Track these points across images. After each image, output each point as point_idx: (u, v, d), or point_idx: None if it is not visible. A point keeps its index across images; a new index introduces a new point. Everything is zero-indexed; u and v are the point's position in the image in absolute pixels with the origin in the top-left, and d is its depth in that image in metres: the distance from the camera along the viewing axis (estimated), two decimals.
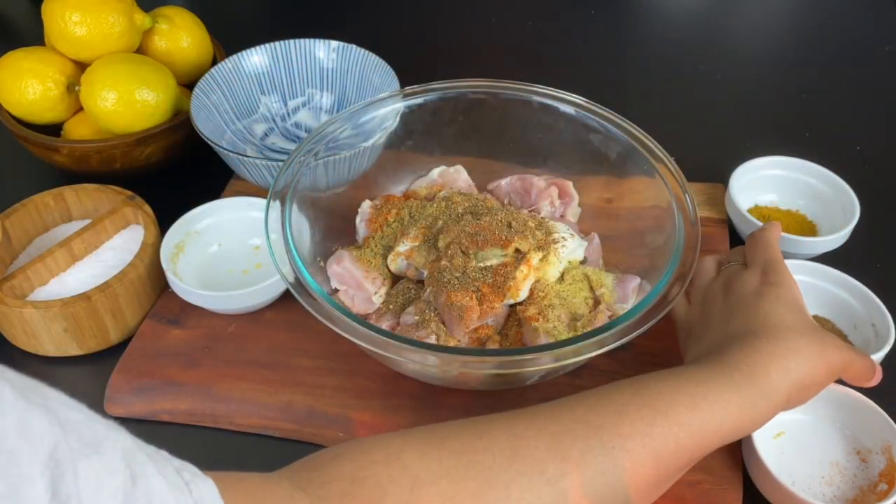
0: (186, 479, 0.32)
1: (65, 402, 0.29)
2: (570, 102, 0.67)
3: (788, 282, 0.53)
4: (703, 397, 0.45)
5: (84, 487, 0.26)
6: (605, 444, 0.42)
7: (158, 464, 0.31)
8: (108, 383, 0.62)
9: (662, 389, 0.45)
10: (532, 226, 0.61)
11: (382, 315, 0.61)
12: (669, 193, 0.61)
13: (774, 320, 0.50)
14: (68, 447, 0.26)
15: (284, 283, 0.54)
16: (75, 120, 0.79)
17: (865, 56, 0.99)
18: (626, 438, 0.42)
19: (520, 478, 0.40)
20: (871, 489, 0.54)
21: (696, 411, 0.44)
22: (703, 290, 0.57)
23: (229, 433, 0.60)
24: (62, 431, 0.27)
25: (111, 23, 0.75)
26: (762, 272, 0.54)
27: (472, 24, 1.07)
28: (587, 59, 1.00)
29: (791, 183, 0.75)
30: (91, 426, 0.29)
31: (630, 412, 0.43)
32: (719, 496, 0.54)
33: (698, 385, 0.45)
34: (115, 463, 0.28)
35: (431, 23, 1.07)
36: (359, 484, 0.39)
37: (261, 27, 1.08)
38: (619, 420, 0.43)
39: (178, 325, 0.66)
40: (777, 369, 0.47)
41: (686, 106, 0.92)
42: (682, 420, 0.44)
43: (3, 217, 0.67)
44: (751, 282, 0.53)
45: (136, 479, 0.29)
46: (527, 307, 0.58)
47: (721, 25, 1.07)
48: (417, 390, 0.60)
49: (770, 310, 0.50)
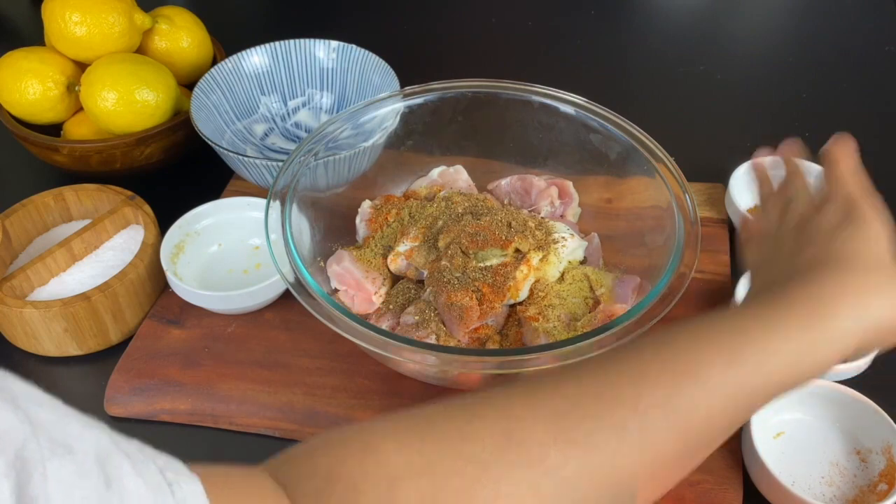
0: (170, 479, 0.29)
1: (36, 399, 0.27)
2: (570, 102, 0.67)
3: (877, 217, 0.44)
4: (742, 349, 0.37)
5: (53, 490, 0.25)
6: (617, 422, 0.36)
7: (138, 463, 0.29)
8: (107, 383, 0.62)
9: (691, 345, 0.38)
10: (532, 226, 0.61)
11: (382, 315, 0.61)
12: (669, 193, 0.61)
13: (850, 252, 0.42)
14: (38, 446, 0.25)
15: (284, 283, 0.54)
16: (75, 120, 0.79)
17: (865, 56, 0.99)
18: (645, 412, 0.36)
19: (513, 470, 0.35)
20: (871, 489, 0.54)
21: (733, 368, 0.37)
22: (771, 231, 0.49)
23: (229, 433, 0.60)
24: (31, 430, 0.25)
25: (111, 23, 0.75)
26: (843, 209, 0.46)
27: (472, 23, 1.06)
28: (587, 59, 1.00)
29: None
30: (64, 424, 0.27)
31: (650, 378, 0.37)
32: (719, 496, 0.54)
33: (738, 334, 0.38)
34: (87, 464, 0.26)
35: (431, 23, 1.06)
36: (333, 481, 0.34)
37: (261, 27, 1.08)
38: (637, 390, 0.36)
39: (178, 325, 0.66)
40: (847, 308, 0.39)
41: (686, 106, 0.92)
42: (714, 382, 0.36)
43: (3, 217, 0.67)
44: (830, 218, 0.45)
45: (111, 481, 0.27)
46: (527, 307, 0.58)
47: (721, 25, 1.07)
48: (417, 390, 0.60)
49: (847, 241, 0.42)
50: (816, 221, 0.46)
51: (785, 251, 0.46)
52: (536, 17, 1.07)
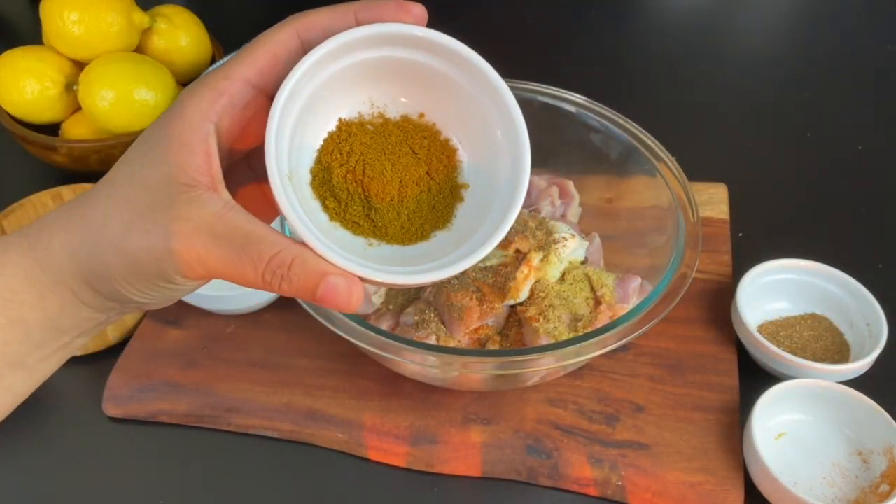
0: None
1: None
2: (570, 102, 0.67)
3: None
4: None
5: None
6: None
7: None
8: (106, 384, 0.61)
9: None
10: (532, 226, 0.61)
11: (382, 315, 0.61)
12: (671, 193, 0.60)
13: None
14: None
15: None
16: (73, 119, 0.79)
17: (866, 56, 0.99)
18: None
19: None
20: (873, 490, 0.54)
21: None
22: None
23: (228, 434, 0.60)
24: None
25: (109, 22, 0.75)
26: None
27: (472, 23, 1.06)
28: (587, 58, 1.00)
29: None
30: None
31: None
32: (721, 497, 0.54)
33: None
34: None
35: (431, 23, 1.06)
36: None
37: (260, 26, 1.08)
38: None
39: (177, 326, 0.65)
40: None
41: (687, 105, 0.91)
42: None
43: (2, 217, 0.67)
44: None
45: None
46: (527, 307, 0.58)
47: (722, 25, 1.07)
48: (417, 391, 0.60)
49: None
50: None
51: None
52: (536, 16, 1.07)
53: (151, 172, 0.34)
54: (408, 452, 0.58)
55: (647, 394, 0.60)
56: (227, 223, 0.33)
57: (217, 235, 0.33)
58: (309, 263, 0.33)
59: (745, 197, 0.76)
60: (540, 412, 0.59)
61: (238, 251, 0.33)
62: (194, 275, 0.34)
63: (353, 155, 0.38)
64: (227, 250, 0.33)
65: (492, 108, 0.39)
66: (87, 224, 0.35)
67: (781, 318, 0.65)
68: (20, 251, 0.36)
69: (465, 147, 0.41)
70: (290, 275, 0.33)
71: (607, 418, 0.59)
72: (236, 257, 0.33)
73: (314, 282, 0.33)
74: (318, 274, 0.33)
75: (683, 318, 0.65)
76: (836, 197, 0.79)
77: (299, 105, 0.36)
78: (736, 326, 0.63)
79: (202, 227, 0.33)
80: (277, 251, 0.33)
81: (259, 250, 0.33)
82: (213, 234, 0.33)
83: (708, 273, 0.68)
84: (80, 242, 0.35)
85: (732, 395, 0.60)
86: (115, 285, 0.36)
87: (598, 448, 0.57)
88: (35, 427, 0.61)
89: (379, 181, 0.38)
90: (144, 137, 0.36)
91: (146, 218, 0.34)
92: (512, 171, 0.40)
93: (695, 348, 0.63)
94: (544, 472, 0.56)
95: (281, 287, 0.33)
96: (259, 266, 0.33)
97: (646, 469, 0.56)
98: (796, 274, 0.65)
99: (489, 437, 0.58)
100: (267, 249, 0.33)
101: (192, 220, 0.33)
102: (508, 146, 0.40)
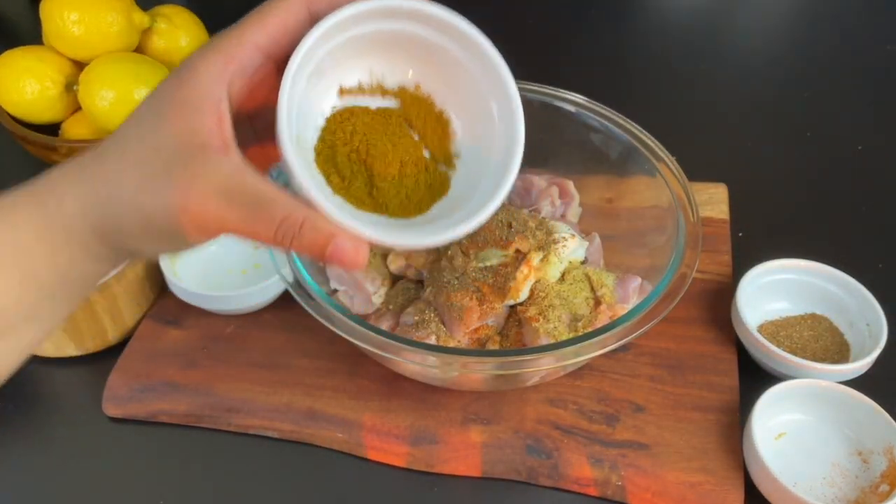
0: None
1: None
2: (570, 102, 0.67)
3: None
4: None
5: None
6: None
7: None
8: (106, 384, 0.61)
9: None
10: (532, 226, 0.61)
11: (382, 315, 0.61)
12: (670, 193, 0.60)
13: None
14: None
15: (284, 283, 0.54)
16: (73, 119, 0.79)
17: (866, 56, 0.99)
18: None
19: None
20: (873, 490, 0.54)
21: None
22: None
23: (228, 434, 0.60)
24: None
25: (109, 22, 0.75)
26: None
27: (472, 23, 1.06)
28: (587, 58, 1.00)
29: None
30: None
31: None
32: (721, 497, 0.54)
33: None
34: None
35: None
36: None
37: None
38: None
39: (177, 326, 0.65)
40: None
41: (687, 105, 0.91)
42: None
43: None
44: None
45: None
46: (527, 307, 0.58)
47: (722, 24, 1.07)
48: (417, 391, 0.60)
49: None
50: None
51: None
52: (536, 16, 1.07)
53: (164, 134, 0.35)
54: (408, 452, 0.58)
55: (647, 394, 0.60)
56: (240, 184, 0.35)
57: (230, 196, 0.34)
58: (319, 225, 0.35)
59: (745, 197, 0.76)
60: (540, 412, 0.59)
61: (251, 211, 0.35)
62: (207, 233, 0.36)
63: (356, 135, 0.40)
64: (240, 211, 0.35)
65: (487, 79, 0.41)
66: (100, 183, 0.36)
67: (781, 318, 0.65)
68: (31, 208, 0.37)
69: (459, 117, 0.43)
70: (301, 234, 0.35)
71: (607, 418, 0.59)
72: (249, 217, 0.35)
73: (323, 242, 0.35)
74: (327, 235, 0.35)
75: (683, 318, 0.65)
76: (836, 197, 0.79)
77: (306, 72, 0.38)
78: (736, 326, 0.63)
79: (216, 189, 0.34)
80: (289, 212, 0.35)
81: (271, 211, 0.35)
82: (226, 194, 0.34)
83: (708, 273, 0.68)
84: (93, 201, 0.36)
85: (732, 395, 0.60)
86: (127, 241, 0.37)
87: (598, 448, 0.57)
88: (35, 427, 0.61)
89: (382, 161, 0.40)
90: (155, 98, 0.37)
91: (160, 178, 0.35)
92: (506, 140, 0.41)
93: (695, 348, 0.63)
94: (544, 472, 0.56)
95: (292, 244, 0.35)
96: (271, 226, 0.35)
97: (646, 469, 0.56)
98: (796, 274, 0.65)
99: (489, 437, 0.58)
100: (279, 210, 0.35)
101: (206, 181, 0.34)
102: (503, 116, 0.42)
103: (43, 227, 0.37)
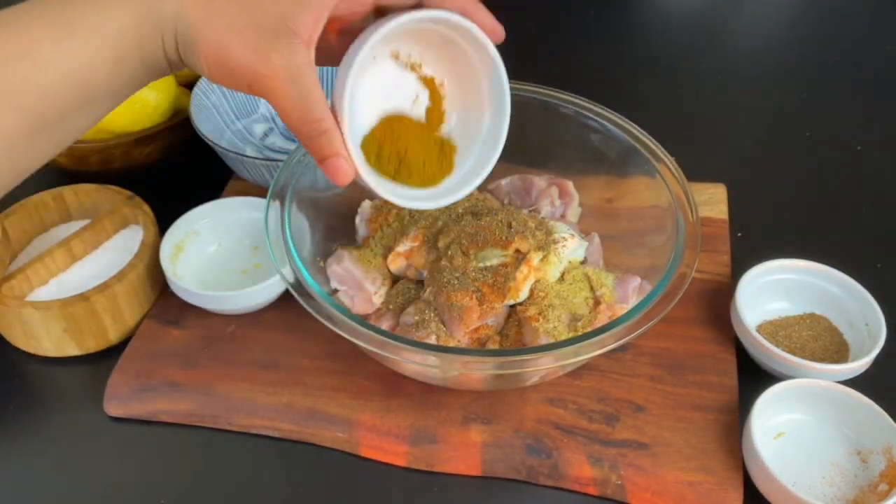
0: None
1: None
2: (570, 102, 0.67)
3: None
4: (73, 24, 0.40)
5: None
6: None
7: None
8: (107, 384, 0.62)
9: (20, 21, 0.40)
10: (532, 226, 0.61)
11: (382, 315, 0.61)
12: (670, 193, 0.61)
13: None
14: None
15: (284, 283, 0.54)
16: None
17: (865, 56, 0.99)
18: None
19: None
20: (872, 489, 0.54)
21: (66, 43, 0.40)
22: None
23: (228, 433, 0.60)
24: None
25: None
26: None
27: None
28: (587, 59, 1.00)
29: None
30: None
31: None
32: (720, 497, 0.54)
33: (68, 8, 0.41)
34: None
35: None
36: None
37: None
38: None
39: (178, 326, 0.65)
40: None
41: (687, 105, 0.92)
42: (46, 59, 0.39)
43: (3, 217, 0.67)
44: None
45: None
46: (527, 307, 0.58)
47: (722, 25, 1.07)
48: (417, 390, 0.60)
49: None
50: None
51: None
52: (536, 17, 1.07)
53: (268, 7, 0.42)
54: (408, 452, 0.58)
55: (646, 393, 0.60)
56: (304, 76, 0.42)
57: (293, 80, 0.42)
58: (334, 139, 0.43)
59: (745, 197, 0.76)
60: (540, 412, 0.59)
61: (299, 100, 0.42)
62: (261, 94, 0.43)
63: (400, 141, 0.50)
64: (293, 94, 0.42)
65: (479, 62, 0.50)
66: (202, 9, 0.42)
67: (780, 317, 0.65)
68: (137, 2, 0.42)
69: (451, 89, 0.52)
70: (318, 138, 0.43)
71: (607, 418, 0.59)
72: (296, 103, 0.42)
73: (328, 153, 0.44)
74: (333, 151, 0.44)
75: (683, 318, 0.65)
76: (836, 197, 0.79)
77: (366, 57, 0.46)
78: (735, 326, 0.63)
79: (287, 68, 0.41)
80: (322, 117, 0.43)
81: (312, 107, 0.42)
82: (291, 77, 0.42)
83: (707, 273, 0.68)
84: (189, 12, 0.42)
85: (732, 395, 0.60)
86: (196, 68, 0.44)
87: (598, 447, 0.57)
88: (36, 427, 0.61)
89: (415, 161, 0.51)
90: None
91: (249, 36, 0.41)
92: (494, 113, 0.52)
93: (694, 348, 0.63)
94: (544, 471, 0.57)
95: (306, 139, 0.43)
96: (305, 117, 0.43)
97: (645, 468, 0.56)
98: (795, 274, 0.65)
99: (489, 437, 0.58)
100: (317, 111, 0.43)
101: (283, 59, 0.41)
102: (491, 92, 0.51)
103: (141, 21, 0.42)
